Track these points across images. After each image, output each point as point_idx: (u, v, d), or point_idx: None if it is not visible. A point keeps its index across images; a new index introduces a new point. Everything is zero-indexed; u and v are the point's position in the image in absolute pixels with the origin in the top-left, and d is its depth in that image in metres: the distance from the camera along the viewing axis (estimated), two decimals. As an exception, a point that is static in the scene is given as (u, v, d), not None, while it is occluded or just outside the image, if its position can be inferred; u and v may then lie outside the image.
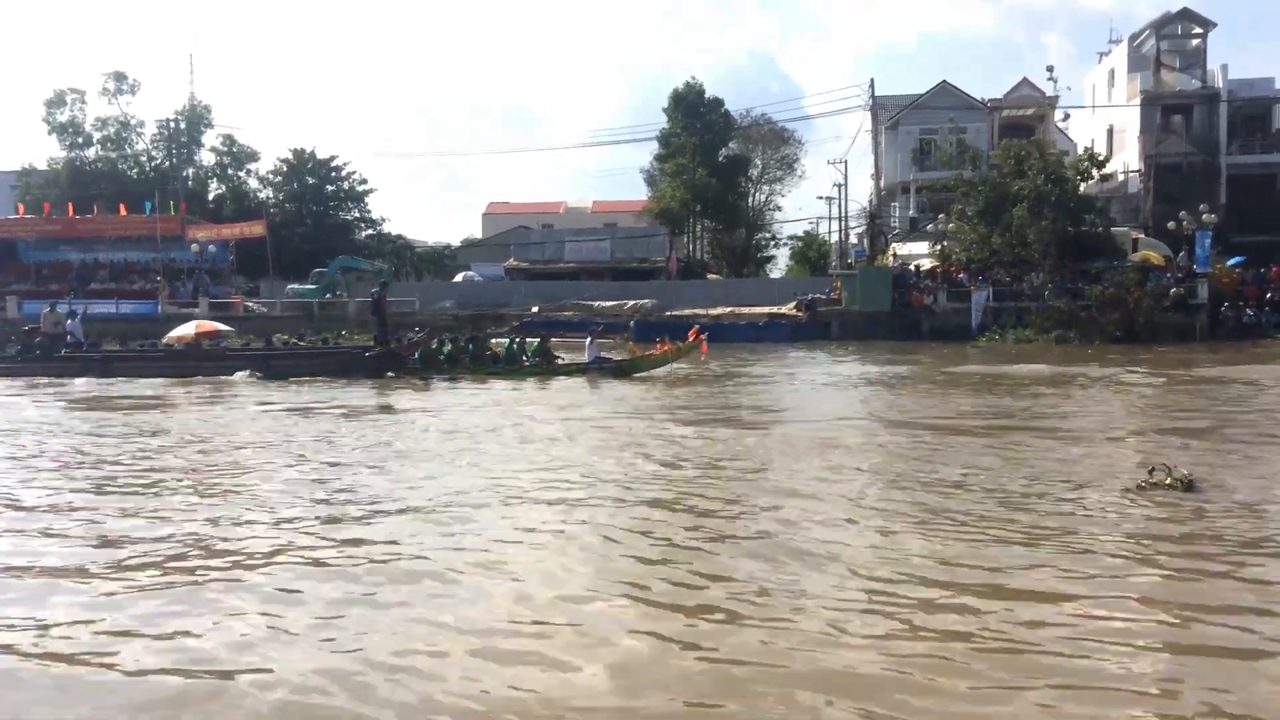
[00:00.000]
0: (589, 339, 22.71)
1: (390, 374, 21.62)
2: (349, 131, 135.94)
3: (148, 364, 23.42)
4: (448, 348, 22.71)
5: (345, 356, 23.83)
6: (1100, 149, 42.91)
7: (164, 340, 25.41)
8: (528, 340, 23.61)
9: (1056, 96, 51.31)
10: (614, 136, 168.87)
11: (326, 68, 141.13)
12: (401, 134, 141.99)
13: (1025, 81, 52.02)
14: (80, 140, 58.08)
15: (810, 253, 75.41)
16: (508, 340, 23.17)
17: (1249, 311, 33.98)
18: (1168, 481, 8.23)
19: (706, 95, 60.44)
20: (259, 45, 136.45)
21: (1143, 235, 40.68)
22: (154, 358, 24.28)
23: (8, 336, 29.85)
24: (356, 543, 6.94)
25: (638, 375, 21.26)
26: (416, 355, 22.25)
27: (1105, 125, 48.55)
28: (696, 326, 22.88)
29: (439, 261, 63.69)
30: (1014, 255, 36.75)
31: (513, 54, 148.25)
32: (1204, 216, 34.76)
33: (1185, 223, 35.34)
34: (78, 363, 23.46)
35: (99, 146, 58.54)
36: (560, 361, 22.40)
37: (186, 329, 24.75)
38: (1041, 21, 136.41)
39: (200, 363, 23.07)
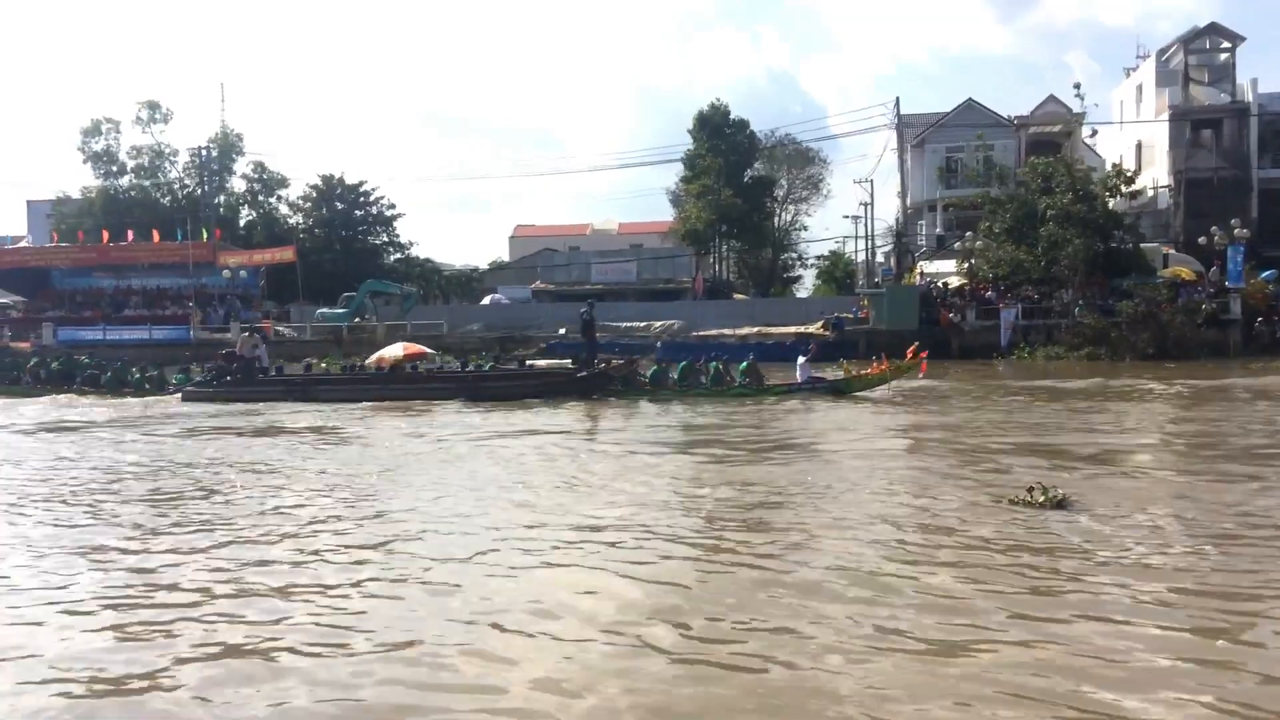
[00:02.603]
0: (801, 358, 22.26)
1: (595, 396, 21.26)
2: (364, 153, 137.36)
3: (350, 388, 23.07)
4: (653, 369, 22.51)
5: (554, 378, 23.36)
6: (1129, 165, 42.60)
7: (367, 362, 25.10)
8: (729, 362, 23.00)
9: (1083, 113, 50.96)
10: (638, 159, 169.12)
11: (353, 95, 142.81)
12: (406, 153, 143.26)
13: (1052, 98, 51.72)
14: (115, 169, 58.88)
15: (837, 272, 75.21)
16: (715, 362, 22.64)
17: (1283, 326, 33.55)
18: (1040, 500, 8.60)
19: (731, 116, 60.55)
20: (289, 75, 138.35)
21: (1173, 251, 40.26)
22: (358, 381, 23.81)
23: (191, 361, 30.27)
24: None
25: (855, 395, 20.71)
26: (629, 377, 21.96)
27: (1134, 141, 48.19)
28: (916, 344, 22.17)
29: (466, 284, 63.90)
30: (1043, 273, 36.45)
31: (536, 78, 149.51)
32: (1235, 231, 34.39)
33: (1216, 238, 34.97)
34: (279, 387, 23.27)
35: (133, 175, 59.32)
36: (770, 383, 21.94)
37: (393, 350, 24.29)
38: (1063, 40, 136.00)
39: (405, 385, 22.65)
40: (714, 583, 6.71)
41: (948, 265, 42.44)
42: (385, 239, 62.76)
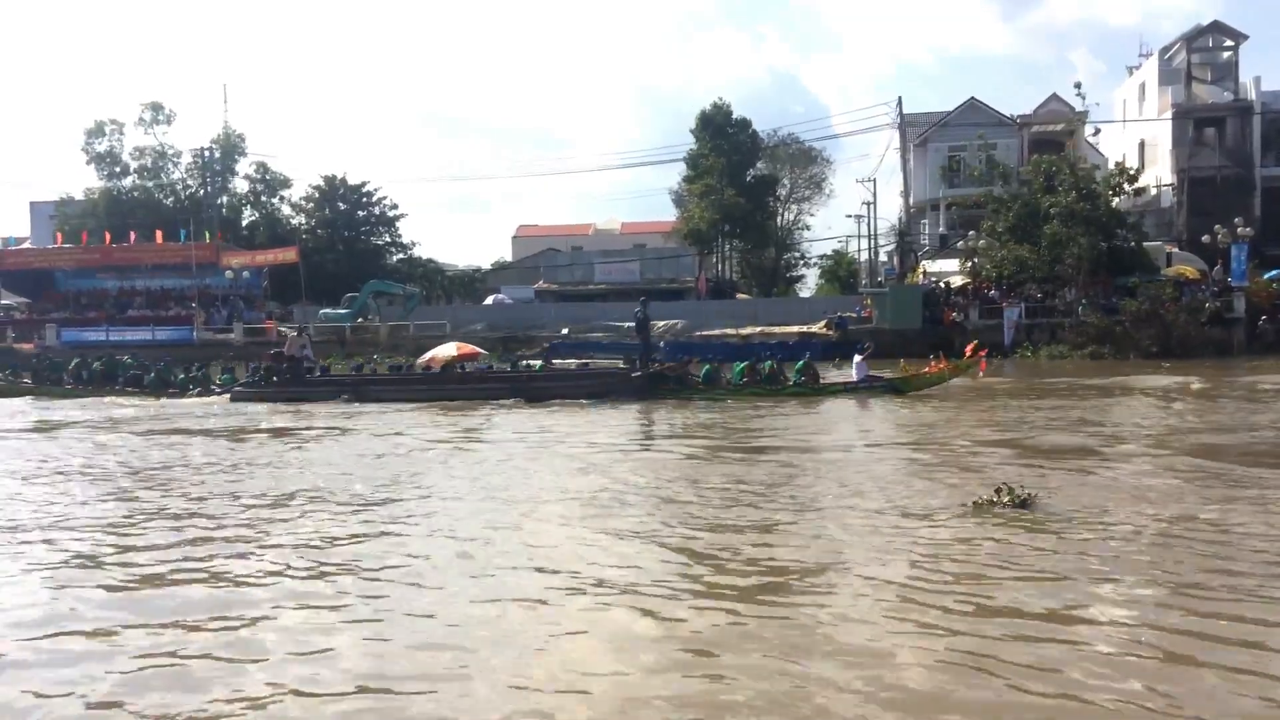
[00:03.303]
0: (857, 357, 22.06)
1: (649, 396, 21.02)
2: (365, 153, 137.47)
3: (403, 387, 22.87)
4: (705, 369, 22.35)
5: (609, 378, 23.06)
6: (1132, 163, 42.55)
7: (419, 362, 24.84)
8: (783, 361, 22.83)
9: (1086, 111, 50.92)
10: (639, 158, 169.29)
11: (355, 95, 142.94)
12: (407, 153, 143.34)
13: (1054, 97, 51.72)
14: (118, 170, 58.98)
15: (840, 271, 75.22)
16: (769, 360, 22.52)
17: (1288, 324, 33.52)
18: (1005, 500, 8.68)
19: (734, 116, 60.55)
20: (292, 76, 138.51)
21: (1177, 249, 40.26)
22: (409, 381, 23.60)
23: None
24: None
25: (913, 394, 20.57)
26: (683, 377, 21.83)
27: (1137, 139, 48.15)
28: (975, 342, 21.92)
29: (469, 284, 63.97)
30: (1047, 271, 36.42)
31: (537, 78, 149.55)
32: (1239, 229, 34.36)
33: (1220, 236, 34.93)
34: (330, 386, 23.12)
35: (136, 176, 59.41)
36: (826, 381, 21.78)
37: (446, 350, 23.97)
38: (1065, 39, 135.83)
39: (458, 386, 22.42)
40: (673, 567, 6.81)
41: (951, 264, 42.44)
42: (388, 239, 62.88)
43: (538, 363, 26.12)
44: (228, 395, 23.95)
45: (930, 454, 12.54)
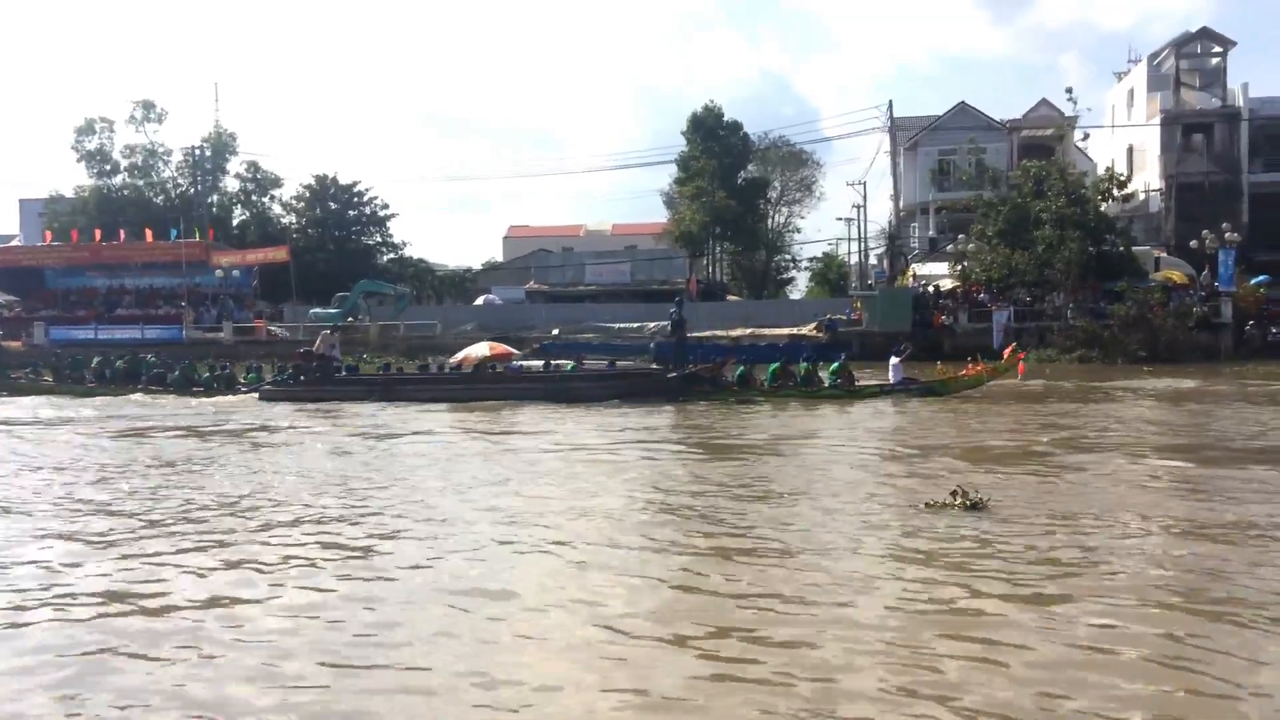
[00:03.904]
0: (894, 359, 21.92)
1: (681, 398, 20.90)
2: (362, 154, 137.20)
3: (434, 387, 22.69)
4: (740, 370, 22.22)
5: (643, 379, 22.83)
6: (1120, 168, 42.78)
7: (451, 361, 24.76)
8: (818, 362, 22.70)
9: (1076, 116, 51.20)
10: (632, 160, 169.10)
11: (347, 94, 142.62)
12: (407, 154, 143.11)
13: (1044, 102, 51.93)
14: (108, 168, 58.82)
15: (830, 274, 75.34)
16: (805, 363, 22.42)
17: (1274, 330, 33.74)
18: (957, 503, 8.77)
19: (725, 118, 60.67)
20: (283, 74, 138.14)
21: (1165, 254, 40.48)
22: (441, 381, 23.45)
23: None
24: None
25: (951, 396, 20.41)
26: (716, 378, 21.71)
27: (1125, 145, 48.39)
28: (1014, 345, 21.78)
29: (460, 285, 63.96)
30: (1036, 275, 36.59)
31: (531, 78, 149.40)
32: (1226, 235, 34.57)
33: (1208, 241, 35.15)
34: (360, 386, 23.02)
35: (126, 174, 59.26)
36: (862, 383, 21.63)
37: (477, 350, 23.82)
38: (1058, 43, 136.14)
39: (490, 386, 22.31)
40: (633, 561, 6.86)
41: (940, 267, 42.57)
42: (379, 239, 62.79)
43: (569, 363, 25.84)
44: (254, 394, 23.79)
45: (919, 456, 12.64)
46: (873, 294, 40.05)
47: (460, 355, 24.02)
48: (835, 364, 21.88)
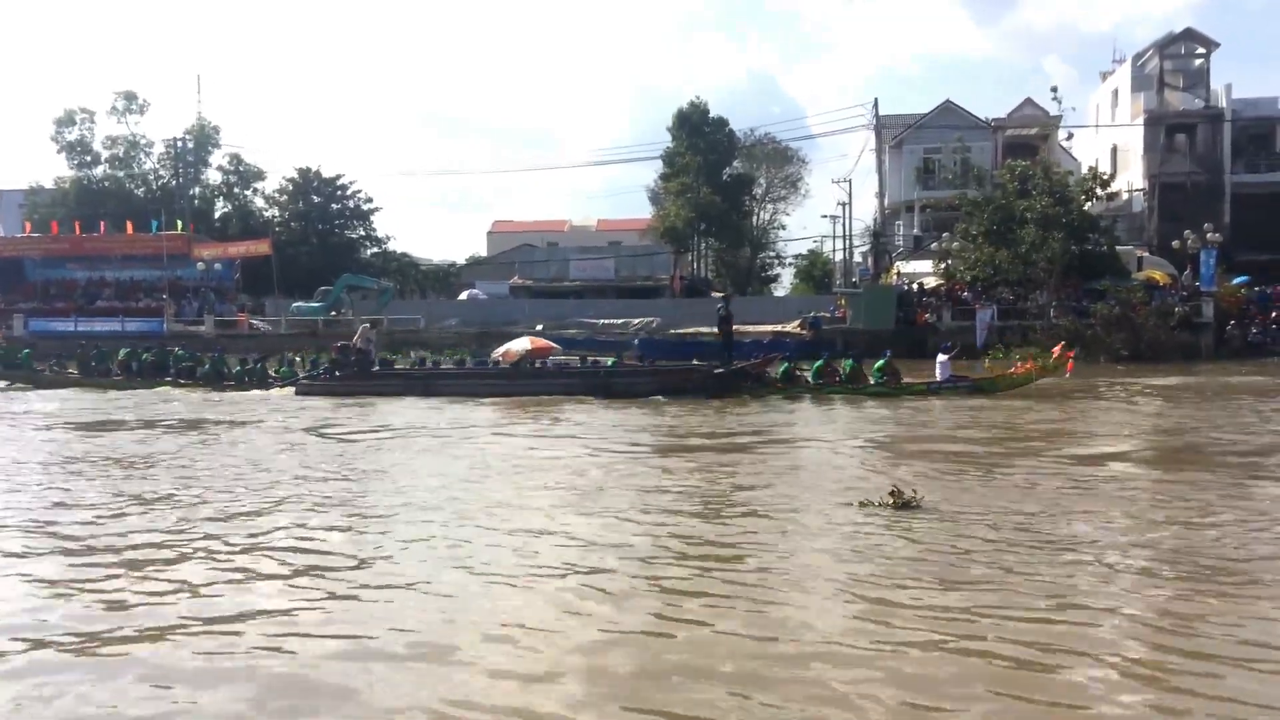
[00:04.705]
0: (942, 356, 21.66)
1: (729, 394, 20.57)
2: (354, 150, 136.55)
3: (476, 382, 22.43)
4: (783, 367, 21.95)
5: (688, 375, 22.48)
6: (1104, 168, 42.89)
7: (492, 357, 24.47)
8: (863, 358, 22.39)
9: (1060, 116, 51.42)
10: (619, 155, 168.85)
11: (332, 85, 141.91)
12: (407, 152, 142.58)
13: (1029, 101, 52.10)
14: (89, 159, 58.34)
15: (815, 271, 75.50)
16: (850, 360, 22.05)
17: (1255, 330, 33.92)
18: (891, 502, 8.81)
19: (710, 114, 60.63)
20: (266, 67, 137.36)
21: (1147, 254, 40.69)
22: (480, 376, 23.22)
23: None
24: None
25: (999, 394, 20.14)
26: (761, 375, 21.49)
27: (1109, 145, 48.60)
28: (1063, 343, 21.53)
29: (444, 279, 63.77)
30: (1019, 274, 36.67)
31: (517, 72, 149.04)
32: (1208, 235, 34.74)
33: (1190, 241, 35.31)
34: (399, 381, 22.78)
35: (107, 165, 58.79)
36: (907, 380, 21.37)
37: (519, 345, 23.61)
38: (1042, 44, 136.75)
39: (532, 380, 22.05)
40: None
41: (924, 266, 42.63)
42: (362, 233, 62.53)
43: (610, 359, 25.49)
44: (289, 388, 23.45)
45: (892, 453, 12.61)
46: (857, 292, 40.08)
47: (501, 350, 23.87)
48: (881, 361, 21.61)
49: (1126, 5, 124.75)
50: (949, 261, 39.27)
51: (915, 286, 40.04)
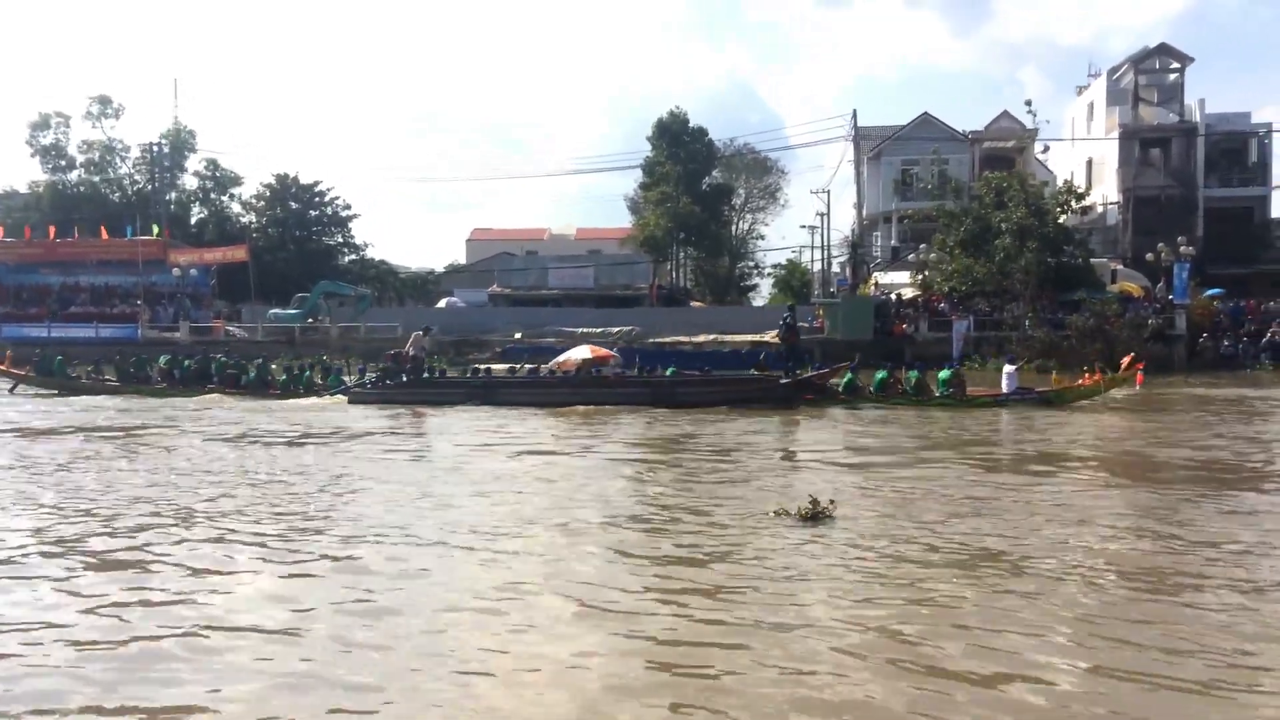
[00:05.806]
0: (1008, 367, 21.21)
1: (795, 405, 20.18)
2: (333, 154, 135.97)
3: (536, 391, 22.16)
4: (847, 378, 21.50)
5: (752, 385, 22.17)
6: (1079, 181, 43.39)
7: (548, 366, 24.29)
8: (928, 370, 21.83)
9: (1036, 129, 51.85)
10: (598, 164, 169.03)
11: (310, 89, 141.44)
12: (385, 155, 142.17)
13: (1005, 114, 52.55)
14: (63, 163, 57.94)
15: (793, 281, 75.76)
16: (914, 371, 21.62)
17: (1226, 343, 34.29)
18: (800, 512, 8.57)
19: (690, 124, 60.81)
20: (244, 71, 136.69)
21: (1121, 266, 41.08)
22: (543, 385, 22.84)
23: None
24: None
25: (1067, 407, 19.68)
26: (823, 386, 21.13)
27: (1084, 158, 49.08)
28: (1132, 354, 21.17)
29: (422, 287, 63.56)
30: (996, 285, 36.95)
31: (497, 80, 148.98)
32: (1182, 248, 35.11)
33: (1163, 254, 35.69)
34: (459, 389, 22.42)
35: (82, 170, 58.43)
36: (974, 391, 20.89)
37: (579, 353, 23.43)
38: (1018, 57, 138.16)
39: (594, 389, 21.70)
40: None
41: (902, 276, 42.90)
42: (340, 240, 62.29)
43: (670, 368, 25.12)
44: (340, 397, 23.05)
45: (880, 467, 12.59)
46: (835, 302, 40.26)
47: (560, 358, 23.79)
48: (947, 372, 21.21)
49: (1103, 17, 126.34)
50: (926, 272, 39.55)
51: (893, 297, 40.27)
